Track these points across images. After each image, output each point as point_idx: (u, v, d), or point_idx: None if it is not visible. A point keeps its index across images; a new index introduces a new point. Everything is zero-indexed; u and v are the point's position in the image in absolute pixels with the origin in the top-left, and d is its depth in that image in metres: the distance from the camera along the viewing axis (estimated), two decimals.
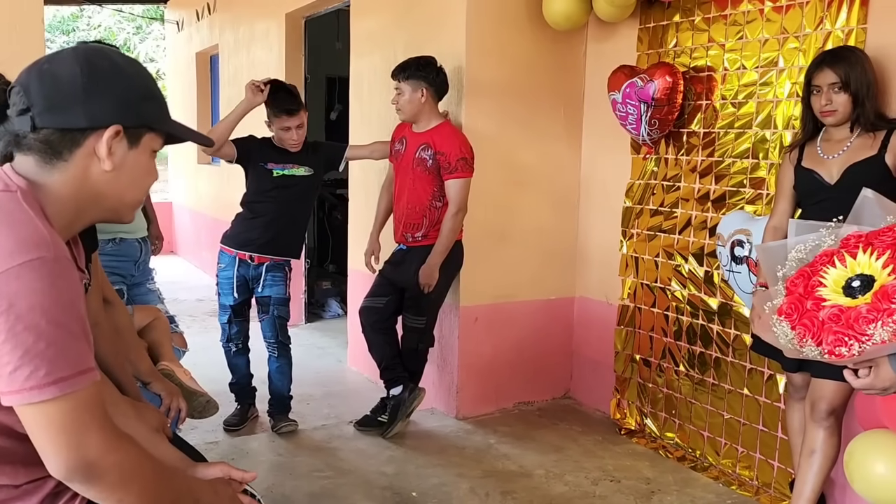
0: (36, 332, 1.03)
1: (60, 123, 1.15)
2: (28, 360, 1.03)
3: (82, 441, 1.07)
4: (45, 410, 1.05)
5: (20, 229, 1.08)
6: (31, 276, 1.04)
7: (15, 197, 1.12)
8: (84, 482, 1.10)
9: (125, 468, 1.12)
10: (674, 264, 3.35)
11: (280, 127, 3.36)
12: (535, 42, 3.66)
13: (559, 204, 3.87)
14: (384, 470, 3.10)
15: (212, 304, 6.11)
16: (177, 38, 8.57)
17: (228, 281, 3.46)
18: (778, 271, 1.51)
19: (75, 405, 1.06)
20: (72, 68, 1.16)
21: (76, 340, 1.08)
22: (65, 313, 1.06)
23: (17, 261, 1.04)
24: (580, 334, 3.95)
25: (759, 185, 2.97)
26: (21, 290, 1.03)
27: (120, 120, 1.18)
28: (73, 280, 1.10)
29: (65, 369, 1.05)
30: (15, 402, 1.05)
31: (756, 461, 2.99)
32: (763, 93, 2.96)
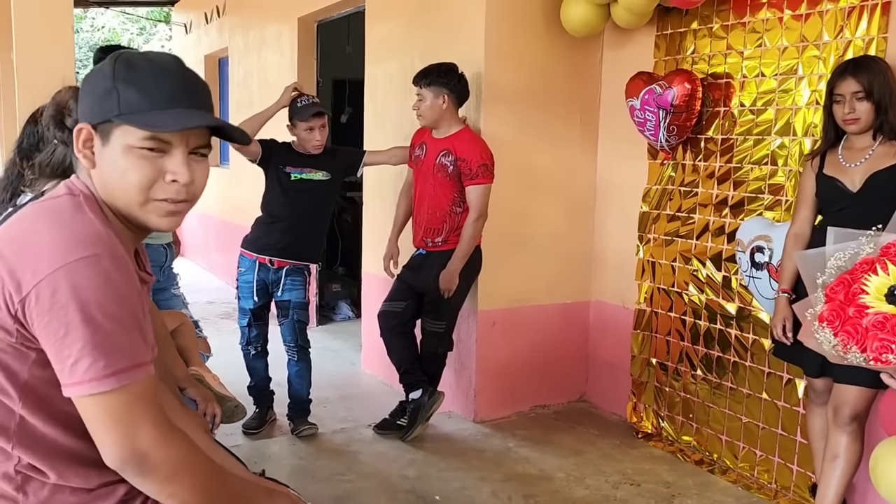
0: (93, 326, 1.06)
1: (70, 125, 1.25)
2: (87, 352, 1.06)
3: (136, 433, 1.10)
4: (102, 402, 1.08)
5: (77, 228, 1.12)
6: (87, 271, 1.07)
7: (76, 200, 1.17)
8: (137, 474, 1.12)
9: (177, 462, 1.15)
10: (691, 269, 3.38)
11: (305, 128, 3.39)
12: (552, 48, 3.69)
13: (575, 209, 3.90)
14: (406, 473, 3.13)
15: (222, 306, 6.15)
16: (184, 41, 8.59)
17: (249, 285, 3.48)
18: (817, 279, 1.54)
19: (130, 397, 1.10)
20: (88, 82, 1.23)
21: (131, 334, 1.10)
22: (120, 307, 1.09)
23: (74, 257, 1.07)
24: (596, 338, 3.97)
25: (778, 191, 3.00)
26: (78, 284, 1.06)
27: (88, 119, 1.19)
28: (129, 276, 1.13)
29: (122, 361, 1.08)
30: (75, 393, 1.08)
31: (775, 465, 3.02)
32: (782, 100, 2.99)
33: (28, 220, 1.15)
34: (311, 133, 3.40)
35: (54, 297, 1.05)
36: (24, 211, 1.18)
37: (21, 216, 1.17)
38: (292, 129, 3.46)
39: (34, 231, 1.11)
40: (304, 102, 3.42)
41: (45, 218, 1.13)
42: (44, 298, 1.06)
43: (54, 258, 1.07)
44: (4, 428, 1.13)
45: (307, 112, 3.39)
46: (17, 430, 1.13)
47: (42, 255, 1.07)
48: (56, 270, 1.06)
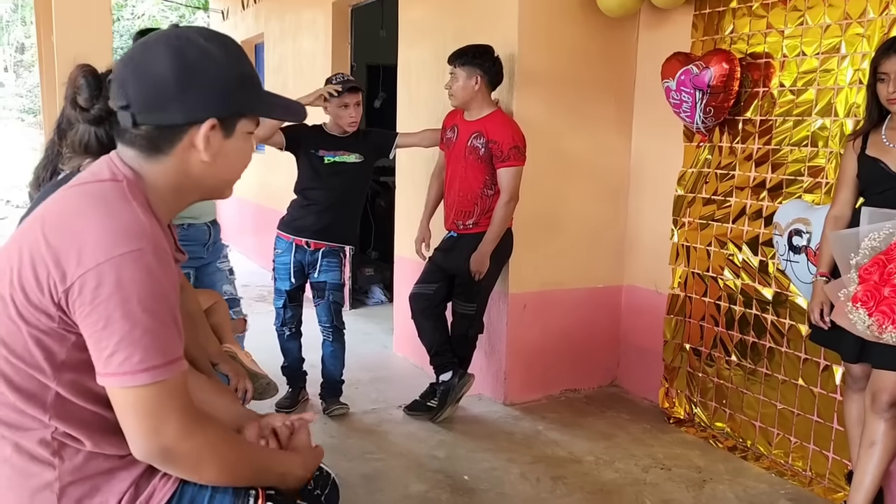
0: (132, 321, 1.08)
1: (159, 121, 1.18)
2: (124, 346, 1.09)
3: (161, 428, 1.13)
4: (133, 395, 1.11)
5: (121, 220, 1.12)
6: (131, 266, 1.09)
7: (120, 187, 1.18)
8: (161, 464, 1.17)
9: (200, 453, 1.18)
10: (727, 253, 3.33)
11: (339, 104, 3.39)
12: (586, 30, 3.64)
13: (609, 192, 3.86)
14: (435, 454, 3.15)
15: (257, 289, 6.23)
16: (222, 27, 8.68)
17: (285, 266, 3.52)
18: (851, 259, 1.50)
19: (160, 392, 1.12)
20: (165, 64, 1.17)
21: (168, 330, 1.13)
22: (159, 304, 1.11)
23: (118, 251, 1.09)
24: (628, 323, 3.94)
25: (818, 173, 2.93)
26: (120, 279, 1.08)
27: (215, 112, 1.20)
28: (170, 271, 1.15)
29: (157, 358, 1.11)
30: (108, 383, 1.12)
31: (810, 452, 2.97)
32: (824, 79, 2.91)
33: (73, 206, 1.15)
34: (345, 110, 3.40)
35: (97, 290, 1.08)
36: (67, 194, 1.18)
37: (65, 200, 1.17)
38: (326, 108, 3.46)
39: (80, 219, 1.12)
40: (339, 79, 3.42)
41: (91, 205, 1.14)
42: (87, 290, 1.08)
43: (99, 251, 1.08)
44: (41, 401, 1.16)
45: (341, 87, 3.38)
46: (53, 402, 1.16)
47: (87, 247, 1.09)
48: (101, 264, 1.08)
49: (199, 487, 1.24)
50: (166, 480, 1.23)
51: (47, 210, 1.18)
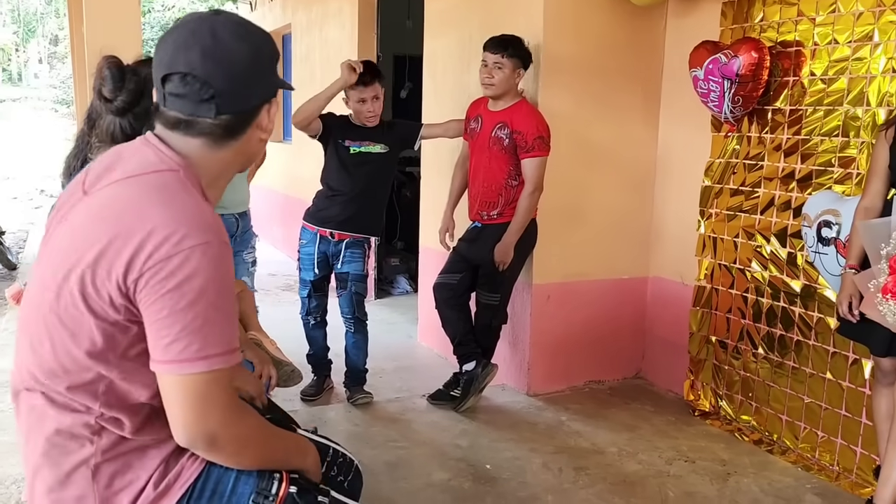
0: (195, 311, 1.12)
1: (240, 107, 1.24)
2: (184, 335, 1.12)
3: (207, 415, 1.16)
4: (185, 382, 1.14)
5: (190, 212, 1.16)
6: (201, 259, 1.12)
7: (178, 176, 1.20)
8: (205, 451, 1.20)
9: (242, 439, 1.23)
10: (754, 245, 3.29)
11: (356, 99, 3.40)
12: (613, 18, 3.61)
13: (635, 183, 3.83)
14: (458, 442, 3.16)
15: (283, 278, 6.29)
16: (250, 18, 8.74)
17: (310, 257, 3.55)
18: (881, 249, 1.47)
19: (211, 380, 1.15)
20: (238, 52, 1.22)
21: (228, 320, 1.16)
22: (222, 296, 1.15)
23: (189, 244, 1.12)
24: (653, 314, 3.91)
25: (849, 164, 2.88)
26: (189, 270, 1.11)
27: (273, 92, 1.29)
28: (230, 262, 1.19)
29: (215, 347, 1.14)
30: (164, 370, 1.14)
31: (837, 446, 2.93)
32: (856, 68, 2.85)
33: (138, 198, 1.17)
34: (362, 105, 3.41)
35: (164, 281, 1.11)
36: (127, 185, 1.19)
37: (126, 192, 1.18)
38: (347, 103, 3.48)
39: (149, 210, 1.14)
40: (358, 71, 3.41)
41: (157, 197, 1.16)
42: (154, 281, 1.11)
43: (169, 244, 1.11)
44: (93, 390, 1.19)
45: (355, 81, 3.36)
46: (105, 391, 1.20)
47: (157, 239, 1.11)
48: (172, 257, 1.11)
49: (224, 468, 1.28)
50: (194, 460, 1.26)
51: (106, 204, 1.18)
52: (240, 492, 1.28)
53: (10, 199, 12.18)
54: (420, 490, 2.75)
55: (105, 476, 1.21)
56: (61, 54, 28.30)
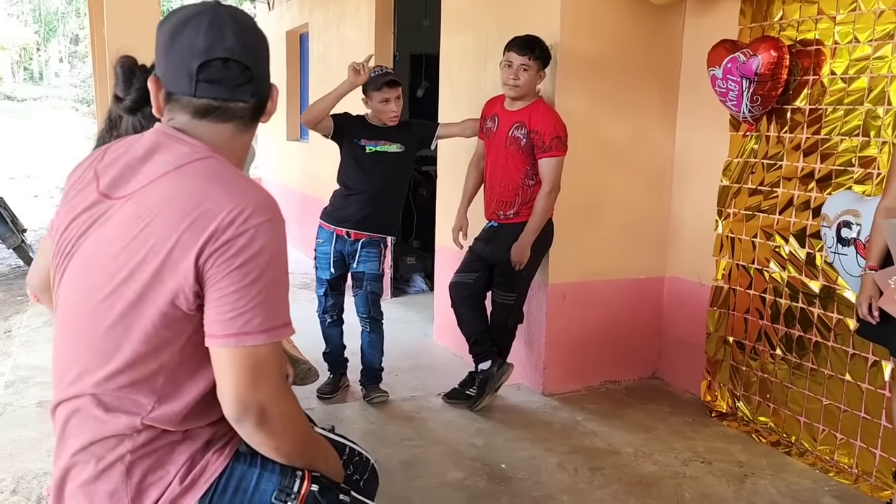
0: (259, 286, 1.15)
1: (265, 90, 1.30)
2: (249, 309, 1.14)
3: (261, 385, 1.18)
4: (244, 353, 1.16)
5: (251, 191, 1.20)
6: (267, 235, 1.16)
7: (222, 161, 1.24)
8: (255, 424, 1.20)
9: (289, 418, 1.25)
10: (773, 245, 3.26)
11: (380, 99, 3.42)
12: (630, 17, 3.60)
13: (652, 182, 3.81)
14: (473, 441, 3.17)
15: (300, 277, 6.32)
16: (268, 18, 8.79)
17: (326, 256, 3.57)
18: None
19: (268, 352, 1.18)
20: (261, 36, 1.30)
21: (285, 297, 1.20)
22: (282, 271, 1.19)
23: (257, 221, 1.16)
24: (670, 314, 3.90)
25: (869, 164, 2.85)
26: (257, 246, 1.15)
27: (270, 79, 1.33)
28: (286, 240, 1.22)
29: (276, 320, 1.17)
30: (226, 343, 1.16)
31: (856, 449, 2.91)
32: (877, 67, 2.82)
33: (193, 186, 1.18)
34: (386, 104, 3.43)
35: (232, 258, 1.13)
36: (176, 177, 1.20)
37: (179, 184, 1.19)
38: (367, 102, 3.49)
39: (210, 195, 1.17)
40: (377, 73, 3.45)
41: (213, 182, 1.19)
42: (222, 259, 1.14)
43: (237, 223, 1.14)
44: (152, 384, 1.21)
45: (380, 81, 3.40)
46: (164, 382, 1.21)
47: (226, 219, 1.14)
48: (240, 235, 1.14)
49: (248, 465, 1.29)
50: (219, 455, 1.28)
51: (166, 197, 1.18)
52: (262, 489, 1.28)
53: (32, 196, 12.33)
54: (435, 489, 2.76)
55: (139, 472, 1.23)
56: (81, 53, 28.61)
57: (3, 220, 6.30)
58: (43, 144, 18.81)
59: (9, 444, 2.98)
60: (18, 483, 2.68)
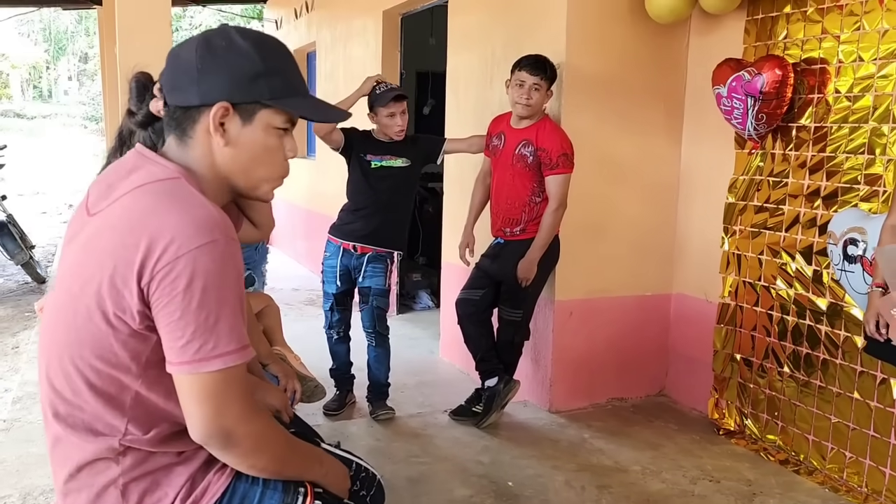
0: (207, 310, 1.13)
1: (180, 101, 1.26)
2: (199, 334, 1.13)
3: (224, 411, 1.17)
4: (202, 380, 1.15)
5: (195, 213, 1.17)
6: (208, 258, 1.13)
7: (181, 182, 1.23)
8: (221, 448, 1.20)
9: (258, 437, 1.23)
10: (779, 262, 3.26)
11: (386, 114, 3.45)
12: (636, 36, 3.62)
13: (658, 199, 3.82)
14: (480, 459, 3.16)
15: (307, 293, 6.34)
16: (276, 36, 8.87)
17: (332, 270, 3.58)
18: None
19: (227, 377, 1.16)
20: (191, 50, 1.25)
21: (238, 318, 1.17)
22: (232, 293, 1.16)
23: (196, 243, 1.13)
24: (677, 332, 3.89)
25: (875, 181, 2.85)
26: (198, 270, 1.12)
27: (228, 97, 1.23)
28: (240, 261, 1.20)
29: (230, 344, 1.15)
30: (181, 371, 1.16)
31: (866, 467, 2.89)
32: (881, 85, 2.84)
33: (146, 205, 1.19)
34: (392, 119, 3.46)
35: (175, 282, 1.12)
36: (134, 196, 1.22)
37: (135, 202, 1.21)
38: (373, 118, 3.52)
39: (155, 217, 1.16)
40: (384, 88, 3.48)
41: (163, 202, 1.18)
42: (165, 283, 1.12)
43: (178, 245, 1.12)
44: (121, 404, 1.21)
45: (387, 97, 3.43)
46: (133, 403, 1.21)
47: (165, 242, 1.13)
48: (179, 258, 1.12)
49: (250, 483, 1.29)
50: (220, 475, 1.28)
51: (118, 215, 1.21)
52: None
53: (40, 213, 12.40)
54: None
55: (135, 495, 1.23)
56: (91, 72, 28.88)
57: (12, 236, 6.35)
58: (52, 162, 18.95)
59: (16, 460, 2.99)
60: (25, 499, 2.68)
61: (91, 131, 24.08)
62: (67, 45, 30.15)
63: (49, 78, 31.35)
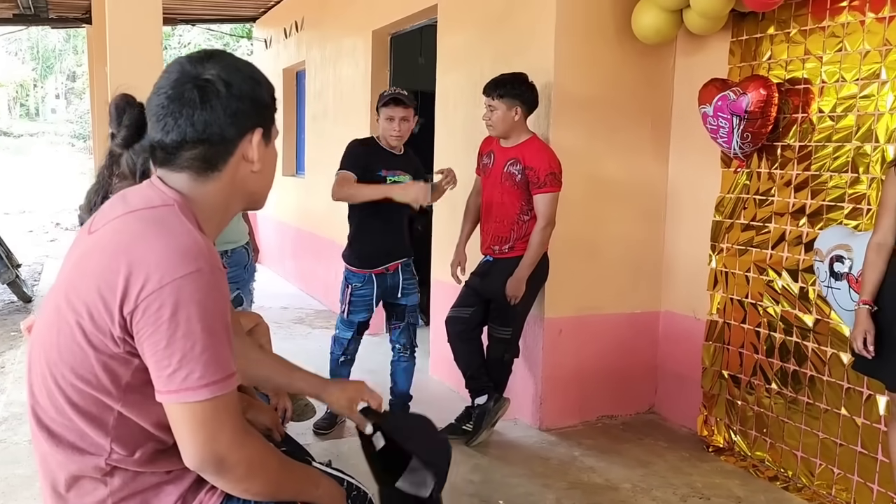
0: (193, 339, 1.13)
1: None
2: (185, 363, 1.13)
3: (216, 438, 1.17)
4: (191, 409, 1.15)
5: (180, 241, 1.17)
6: (192, 286, 1.14)
7: (174, 210, 1.23)
8: (214, 474, 1.20)
9: (251, 462, 1.23)
10: (766, 280, 3.29)
11: (386, 116, 3.43)
12: (623, 56, 3.67)
13: (646, 218, 3.86)
14: (470, 478, 3.15)
15: (296, 311, 6.31)
16: (265, 55, 8.91)
17: (365, 299, 3.53)
18: None
19: (217, 405, 1.16)
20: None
21: (225, 346, 1.17)
22: (217, 321, 1.16)
23: (181, 272, 1.14)
24: (666, 349, 3.91)
25: (860, 199, 2.90)
26: (182, 299, 1.13)
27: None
28: (225, 289, 1.20)
29: (216, 373, 1.15)
30: (169, 400, 1.16)
31: (854, 483, 2.90)
32: (864, 105, 2.89)
33: (133, 231, 1.20)
34: (390, 123, 3.44)
35: (160, 311, 1.12)
36: (126, 220, 1.23)
37: (124, 227, 1.22)
38: (378, 119, 3.53)
39: (142, 244, 1.17)
40: (389, 92, 3.49)
41: (151, 230, 1.19)
42: (150, 312, 1.13)
43: (162, 274, 1.13)
44: (103, 423, 1.21)
45: (386, 97, 3.45)
46: (116, 424, 1.21)
47: (150, 270, 1.13)
48: (164, 286, 1.12)
49: (242, 502, 1.28)
50: (212, 494, 1.27)
51: (108, 237, 1.22)
52: None
53: (27, 232, 12.32)
54: None
55: None
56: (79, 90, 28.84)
57: None
58: (38, 180, 18.85)
59: (2, 482, 2.95)
60: None
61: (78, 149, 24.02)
62: (55, 63, 30.13)
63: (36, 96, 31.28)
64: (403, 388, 3.68)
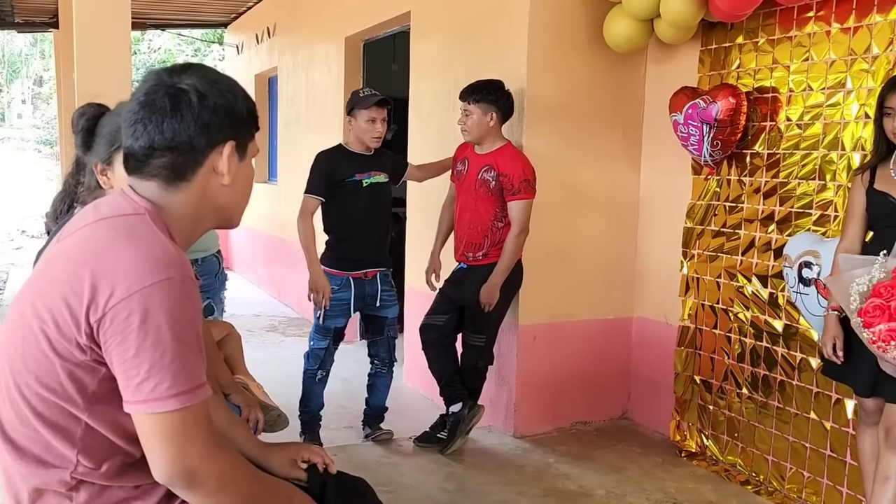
0: (162, 348, 1.11)
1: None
2: (154, 373, 1.11)
3: (186, 450, 1.14)
4: (161, 420, 1.13)
5: (151, 250, 1.15)
6: (162, 295, 1.12)
7: (144, 219, 1.21)
8: (185, 488, 1.17)
9: (223, 476, 1.20)
10: (736, 285, 3.33)
11: (367, 118, 3.35)
12: (595, 64, 3.70)
13: (618, 224, 3.88)
14: (445, 486, 3.13)
15: (268, 319, 6.25)
16: (236, 61, 8.84)
17: (343, 303, 3.42)
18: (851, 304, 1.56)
19: (186, 416, 1.14)
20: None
21: (195, 356, 1.15)
22: (187, 331, 1.14)
23: (150, 281, 1.12)
24: (638, 355, 3.93)
25: (827, 206, 2.94)
26: (152, 308, 1.11)
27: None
28: (196, 299, 1.18)
29: (186, 383, 1.13)
30: (137, 411, 1.13)
31: (823, 487, 2.94)
32: (830, 114, 2.94)
33: (102, 239, 1.18)
34: (372, 125, 3.37)
35: (128, 319, 1.10)
36: (94, 228, 1.21)
37: (93, 235, 1.20)
38: (351, 122, 3.42)
39: (111, 252, 1.15)
40: (367, 93, 3.42)
41: (120, 238, 1.17)
42: (118, 321, 1.10)
43: (130, 282, 1.11)
44: (70, 435, 1.18)
45: (370, 100, 3.35)
46: (82, 436, 1.18)
47: (119, 278, 1.11)
48: (132, 294, 1.10)
49: None
50: None
51: (75, 245, 1.20)
52: None
53: None
54: None
55: None
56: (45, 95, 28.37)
57: None
58: (4, 186, 18.47)
59: None
60: None
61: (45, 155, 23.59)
62: (21, 67, 29.59)
63: (2, 101, 30.69)
64: (380, 402, 3.64)
